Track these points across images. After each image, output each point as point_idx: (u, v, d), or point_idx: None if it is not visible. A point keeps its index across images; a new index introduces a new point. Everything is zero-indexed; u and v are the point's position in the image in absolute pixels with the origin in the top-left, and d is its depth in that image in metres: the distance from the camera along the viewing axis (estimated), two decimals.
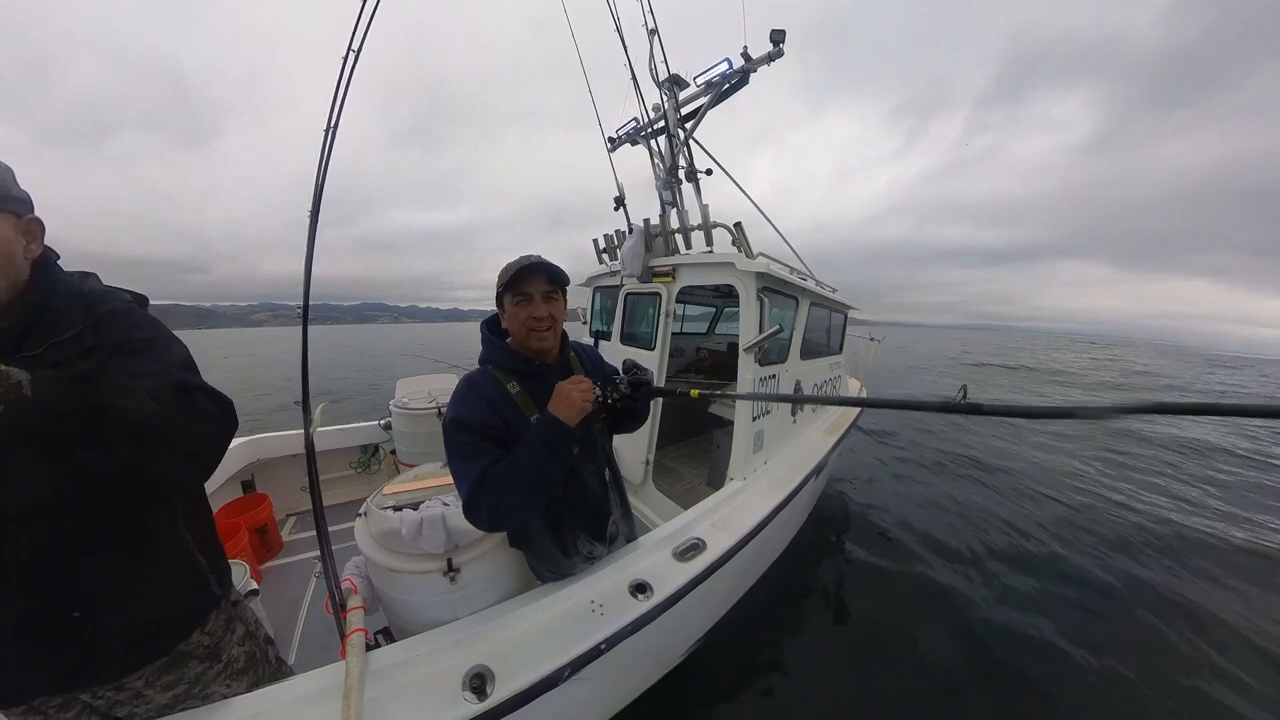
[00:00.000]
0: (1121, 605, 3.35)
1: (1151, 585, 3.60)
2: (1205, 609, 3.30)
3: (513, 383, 1.23)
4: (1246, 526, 4.84)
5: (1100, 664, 2.68)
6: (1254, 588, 3.61)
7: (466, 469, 1.08)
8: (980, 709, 2.36)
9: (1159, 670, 2.68)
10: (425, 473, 1.80)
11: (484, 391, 1.20)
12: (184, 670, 0.99)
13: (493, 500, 1.07)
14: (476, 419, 1.14)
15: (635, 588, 1.57)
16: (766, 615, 2.86)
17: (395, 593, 1.46)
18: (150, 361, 0.83)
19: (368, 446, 3.48)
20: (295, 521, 3.05)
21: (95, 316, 0.85)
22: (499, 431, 1.15)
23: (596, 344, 4.08)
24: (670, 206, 3.14)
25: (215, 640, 1.06)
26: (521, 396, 1.22)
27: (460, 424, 1.13)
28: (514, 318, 1.20)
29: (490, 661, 1.23)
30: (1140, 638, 3.00)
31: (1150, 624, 3.13)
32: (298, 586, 2.34)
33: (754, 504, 2.28)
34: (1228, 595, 3.50)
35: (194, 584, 1.01)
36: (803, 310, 3.25)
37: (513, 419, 1.18)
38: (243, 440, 2.91)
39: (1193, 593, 3.52)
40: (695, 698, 2.24)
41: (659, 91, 3.11)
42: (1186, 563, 3.98)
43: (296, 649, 1.98)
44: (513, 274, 1.16)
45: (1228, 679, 2.62)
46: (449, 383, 3.55)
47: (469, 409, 1.16)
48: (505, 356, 1.27)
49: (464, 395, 1.20)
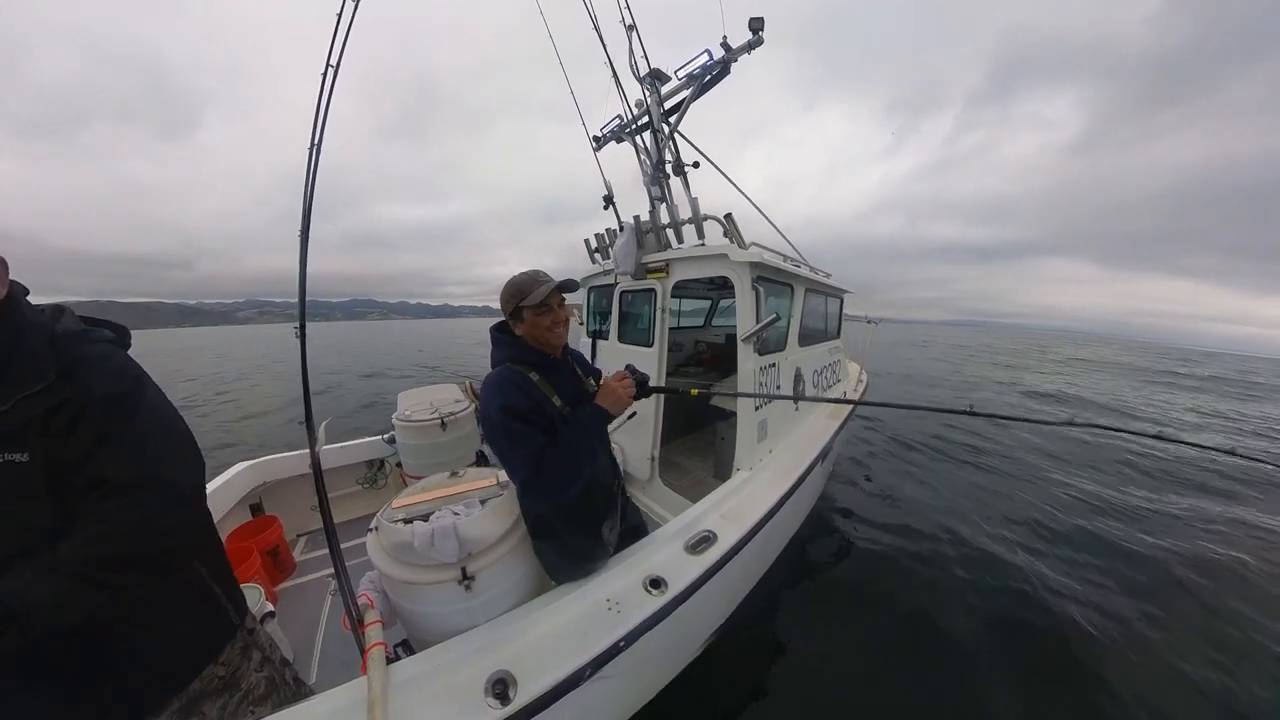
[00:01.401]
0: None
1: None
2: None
3: (532, 373, 1.40)
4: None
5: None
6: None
7: (524, 451, 1.25)
8: (1000, 691, 2.36)
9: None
10: (432, 484, 1.80)
11: (517, 383, 1.37)
12: (204, 707, 0.99)
13: (555, 477, 1.26)
14: (523, 404, 1.31)
15: (650, 583, 1.58)
16: (779, 604, 2.88)
17: (412, 604, 1.46)
18: (115, 462, 0.79)
19: (373, 461, 3.47)
20: (306, 541, 3.05)
21: (68, 363, 0.79)
22: (537, 415, 1.33)
23: (594, 344, 4.08)
24: (660, 202, 3.13)
25: (231, 670, 1.06)
26: (543, 383, 1.40)
27: (510, 411, 1.28)
28: (537, 324, 1.40)
29: (511, 666, 1.24)
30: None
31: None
32: (314, 606, 2.34)
33: (761, 493, 2.29)
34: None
35: (212, 615, 1.01)
36: (798, 297, 3.25)
37: (544, 403, 1.37)
38: (248, 464, 2.90)
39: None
40: (714, 691, 2.24)
41: (640, 87, 3.10)
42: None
43: (317, 668, 1.98)
44: (546, 293, 1.34)
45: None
46: (451, 393, 3.55)
47: (513, 398, 1.32)
48: (524, 353, 1.44)
49: (502, 387, 1.35)
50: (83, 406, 0.78)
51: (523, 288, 1.36)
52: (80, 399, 0.78)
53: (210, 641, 1.02)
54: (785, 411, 3.10)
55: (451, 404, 3.26)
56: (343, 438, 3.53)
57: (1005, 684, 2.35)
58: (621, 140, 3.50)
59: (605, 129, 3.53)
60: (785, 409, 3.10)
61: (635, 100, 3.18)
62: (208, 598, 1.00)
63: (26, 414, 0.74)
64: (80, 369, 0.80)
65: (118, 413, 0.81)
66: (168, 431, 0.89)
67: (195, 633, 0.98)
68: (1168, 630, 2.81)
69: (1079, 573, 3.41)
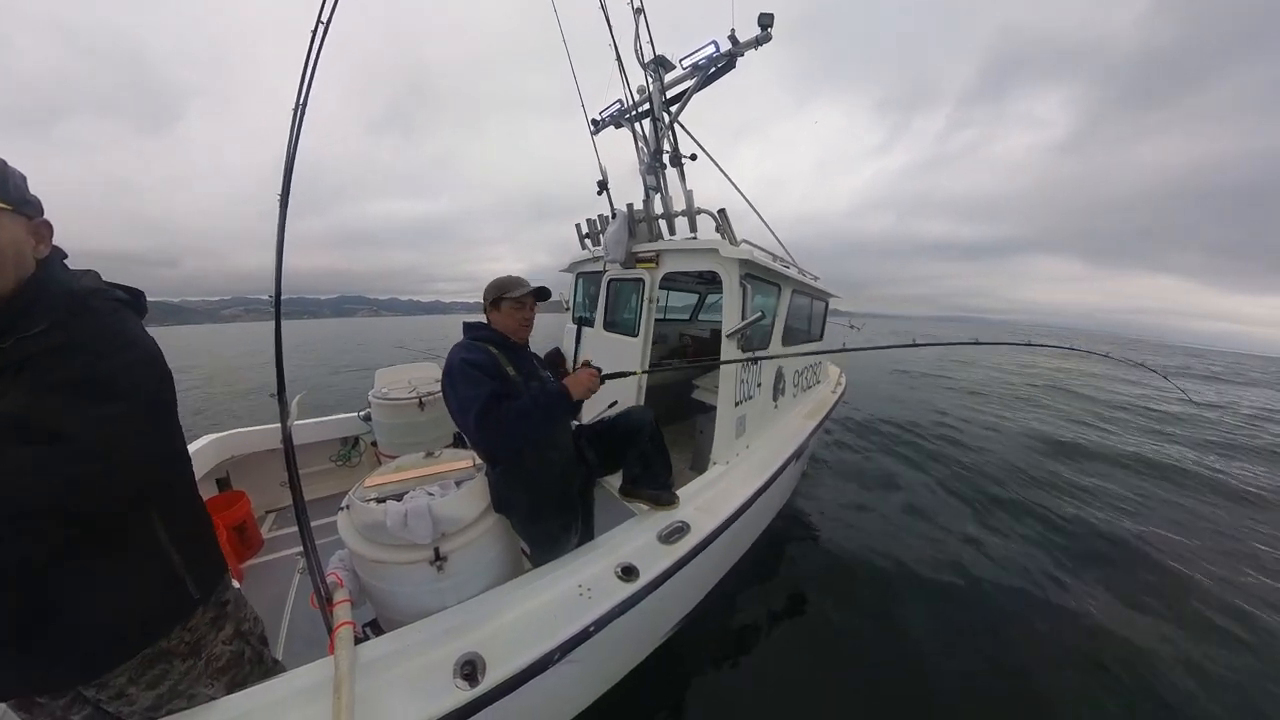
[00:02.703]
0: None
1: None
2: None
3: (491, 347, 1.63)
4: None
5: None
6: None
7: (479, 390, 1.44)
8: (950, 673, 2.50)
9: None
10: (407, 463, 1.78)
11: (480, 348, 1.60)
12: (167, 668, 0.99)
13: (509, 422, 1.42)
14: (481, 359, 1.54)
15: (622, 571, 1.61)
16: (745, 594, 2.97)
17: (382, 584, 1.45)
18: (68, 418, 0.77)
19: (347, 439, 3.40)
20: (275, 518, 2.99)
21: (71, 312, 0.85)
22: (494, 371, 1.55)
23: (579, 331, 4.06)
24: (654, 191, 3.10)
25: (197, 637, 1.04)
26: (499, 355, 1.62)
27: (470, 363, 1.51)
28: (511, 317, 1.69)
29: (481, 649, 1.25)
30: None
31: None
32: (281, 583, 2.30)
33: (736, 487, 2.34)
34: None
35: (165, 584, 0.99)
36: (785, 297, 3.29)
37: (500, 367, 1.58)
38: (215, 436, 2.81)
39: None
40: (678, 676, 2.32)
41: (644, 73, 3.04)
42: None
43: (283, 647, 1.96)
44: (525, 292, 1.67)
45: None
46: (430, 371, 3.49)
47: (474, 354, 1.55)
48: (493, 334, 1.70)
49: (467, 349, 1.58)
50: (65, 351, 0.80)
51: (507, 285, 1.68)
52: (67, 344, 0.81)
53: (165, 610, 1.00)
54: (764, 409, 3.15)
55: (430, 383, 3.21)
56: (317, 413, 3.45)
57: (954, 677, 2.46)
58: (620, 125, 3.44)
59: (605, 112, 3.46)
60: (765, 407, 3.15)
61: (637, 86, 3.13)
62: (163, 567, 0.98)
63: (23, 354, 0.78)
64: (80, 318, 0.85)
65: (81, 362, 0.82)
66: (116, 395, 0.85)
67: (146, 598, 0.96)
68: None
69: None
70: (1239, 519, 4.86)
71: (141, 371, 0.91)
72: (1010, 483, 5.44)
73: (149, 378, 0.93)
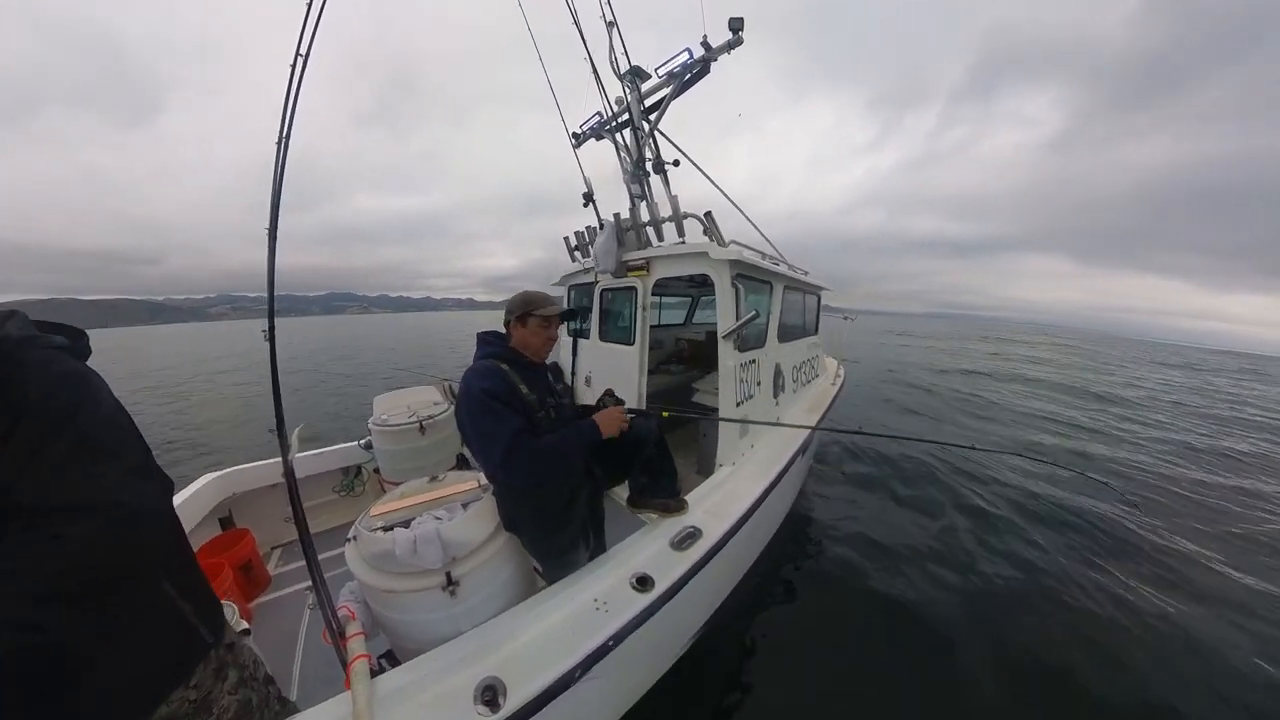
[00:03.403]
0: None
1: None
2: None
3: (505, 367, 1.55)
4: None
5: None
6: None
7: (503, 427, 1.39)
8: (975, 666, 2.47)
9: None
10: (412, 489, 1.76)
11: (495, 372, 1.52)
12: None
13: (533, 463, 1.40)
14: (503, 389, 1.47)
15: (637, 581, 1.59)
16: (765, 597, 2.93)
17: (395, 614, 1.43)
18: (41, 484, 0.73)
19: (349, 468, 3.36)
20: (281, 554, 2.94)
21: (4, 373, 0.74)
22: (514, 399, 1.48)
23: (576, 343, 4.05)
24: (640, 199, 3.13)
25: (204, 694, 1.00)
26: (513, 374, 1.54)
27: (491, 392, 1.44)
28: (537, 335, 1.62)
29: (500, 672, 1.22)
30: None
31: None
32: (291, 621, 2.26)
33: (744, 488, 2.33)
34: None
35: (180, 634, 0.96)
36: (777, 294, 3.31)
37: (516, 390, 1.51)
38: (216, 475, 2.77)
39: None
40: (703, 688, 2.27)
41: (621, 84, 3.08)
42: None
43: (297, 686, 1.91)
44: (556, 311, 1.63)
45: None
46: (428, 395, 3.47)
47: (494, 382, 1.47)
48: (509, 353, 1.62)
49: (484, 374, 1.50)
50: (16, 420, 0.72)
51: (538, 300, 1.62)
52: (13, 411, 0.72)
53: (177, 663, 0.95)
54: (766, 407, 3.15)
55: (430, 406, 3.19)
56: (317, 444, 3.41)
57: (991, 681, 2.39)
58: (601, 138, 3.47)
59: (585, 126, 3.49)
60: (766, 404, 3.15)
61: (615, 97, 3.17)
62: (173, 615, 0.94)
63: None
64: (16, 378, 0.74)
65: (53, 427, 0.75)
66: (113, 451, 0.83)
67: (158, 654, 0.91)
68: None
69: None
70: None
71: (119, 423, 0.87)
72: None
73: (127, 427, 0.89)
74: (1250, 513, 4.71)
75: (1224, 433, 8.62)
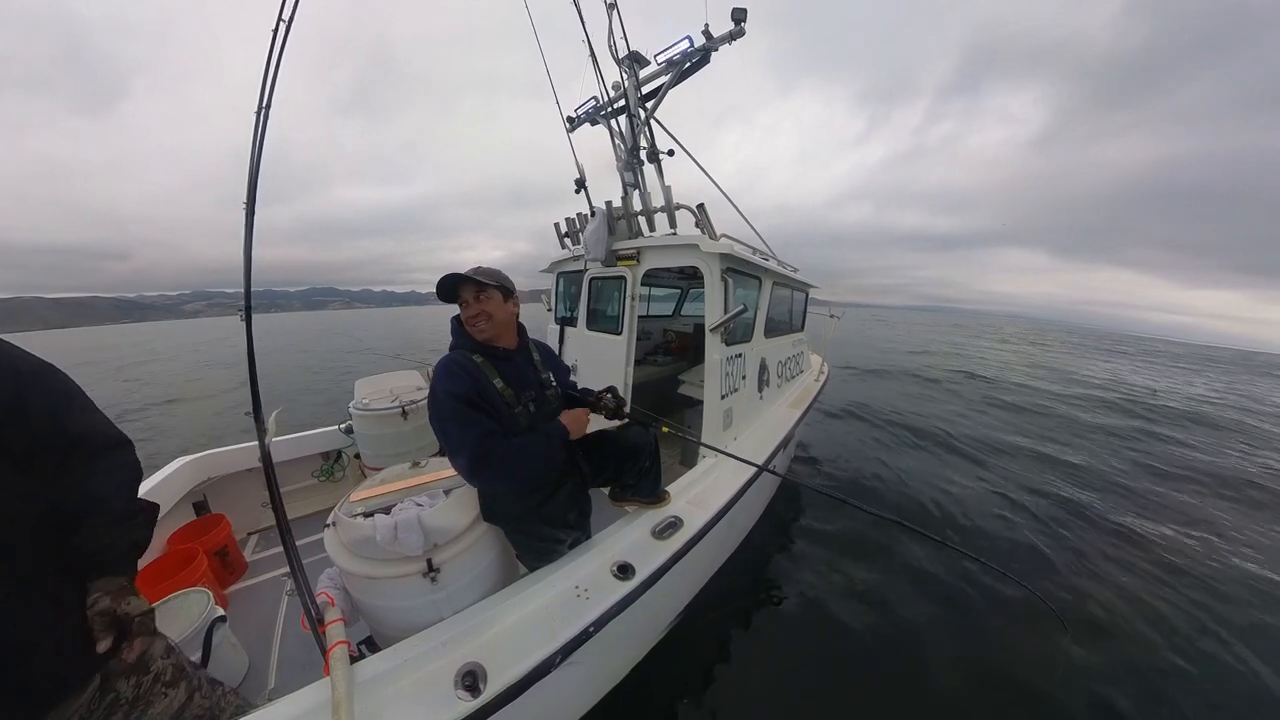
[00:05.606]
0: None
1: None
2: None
3: (478, 358, 1.48)
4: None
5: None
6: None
7: (470, 434, 1.32)
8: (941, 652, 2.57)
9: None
10: (393, 475, 1.74)
11: (464, 367, 1.44)
12: (116, 684, 0.99)
13: (502, 468, 1.36)
14: (468, 389, 1.39)
15: (618, 569, 1.61)
16: (742, 585, 3.00)
17: (375, 600, 1.42)
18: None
19: (329, 453, 3.30)
20: (258, 540, 2.89)
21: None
22: (481, 400, 1.40)
23: (562, 331, 4.02)
24: (632, 188, 3.10)
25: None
26: (486, 365, 1.49)
27: (456, 394, 1.37)
28: (463, 319, 1.51)
29: (480, 658, 1.24)
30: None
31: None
32: (269, 608, 2.23)
33: (726, 479, 2.36)
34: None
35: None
36: (766, 290, 3.33)
37: (487, 387, 1.44)
38: (190, 458, 2.69)
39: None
40: (682, 670, 2.32)
41: (619, 69, 3.02)
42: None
43: (275, 672, 1.90)
44: (445, 291, 1.46)
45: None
46: (411, 379, 3.41)
47: (459, 383, 1.39)
48: (474, 343, 1.52)
49: (450, 372, 1.42)
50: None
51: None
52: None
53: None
54: (750, 400, 3.19)
55: (413, 391, 3.14)
56: (296, 428, 3.34)
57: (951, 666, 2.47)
58: (596, 123, 3.41)
59: (580, 110, 3.42)
60: (750, 398, 3.19)
61: (612, 82, 3.10)
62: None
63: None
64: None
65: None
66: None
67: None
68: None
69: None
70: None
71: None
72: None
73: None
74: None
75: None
